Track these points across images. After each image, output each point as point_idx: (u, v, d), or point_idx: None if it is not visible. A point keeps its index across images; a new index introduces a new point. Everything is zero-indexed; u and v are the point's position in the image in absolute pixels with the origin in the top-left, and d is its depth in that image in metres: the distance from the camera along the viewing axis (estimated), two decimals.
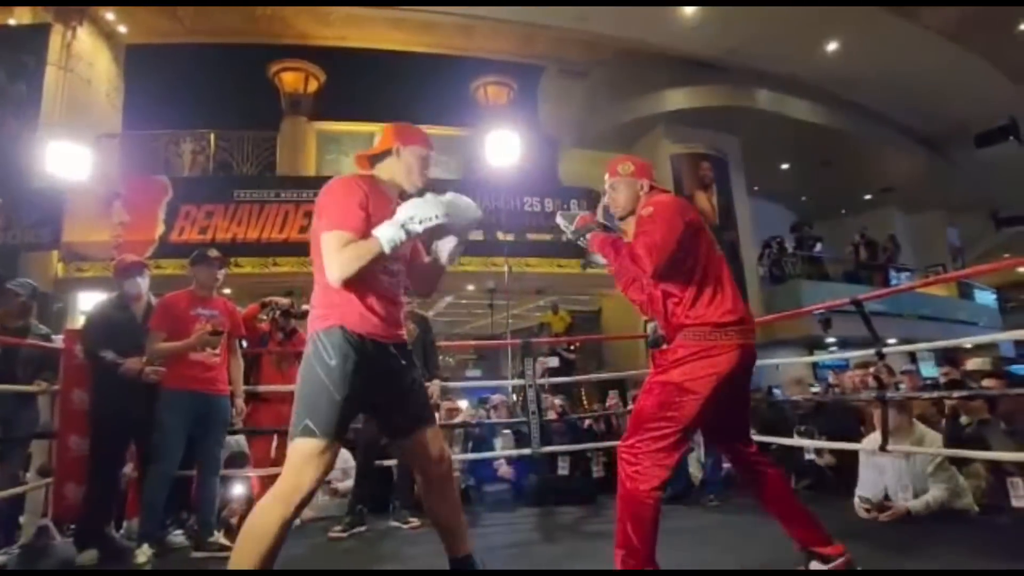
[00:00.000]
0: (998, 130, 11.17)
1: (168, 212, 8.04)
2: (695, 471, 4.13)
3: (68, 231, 7.89)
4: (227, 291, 3.57)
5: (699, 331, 1.81)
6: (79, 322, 6.15)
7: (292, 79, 10.92)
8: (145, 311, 3.17)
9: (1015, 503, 2.87)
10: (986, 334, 10.02)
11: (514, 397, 6.48)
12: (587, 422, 5.20)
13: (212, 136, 9.81)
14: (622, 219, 2.05)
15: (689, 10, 9.04)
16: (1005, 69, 10.19)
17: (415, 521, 3.39)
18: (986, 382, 3.50)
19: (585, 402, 7.67)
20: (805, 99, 10.64)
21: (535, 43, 10.61)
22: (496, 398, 5.35)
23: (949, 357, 5.63)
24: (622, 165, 2.05)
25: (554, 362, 8.09)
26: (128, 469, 3.30)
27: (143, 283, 3.20)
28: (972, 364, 4.81)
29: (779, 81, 10.41)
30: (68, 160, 7.04)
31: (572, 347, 8.49)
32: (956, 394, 3.52)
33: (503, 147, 7.40)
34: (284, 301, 4.02)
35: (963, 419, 3.46)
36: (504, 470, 4.43)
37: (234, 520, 3.50)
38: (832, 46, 9.87)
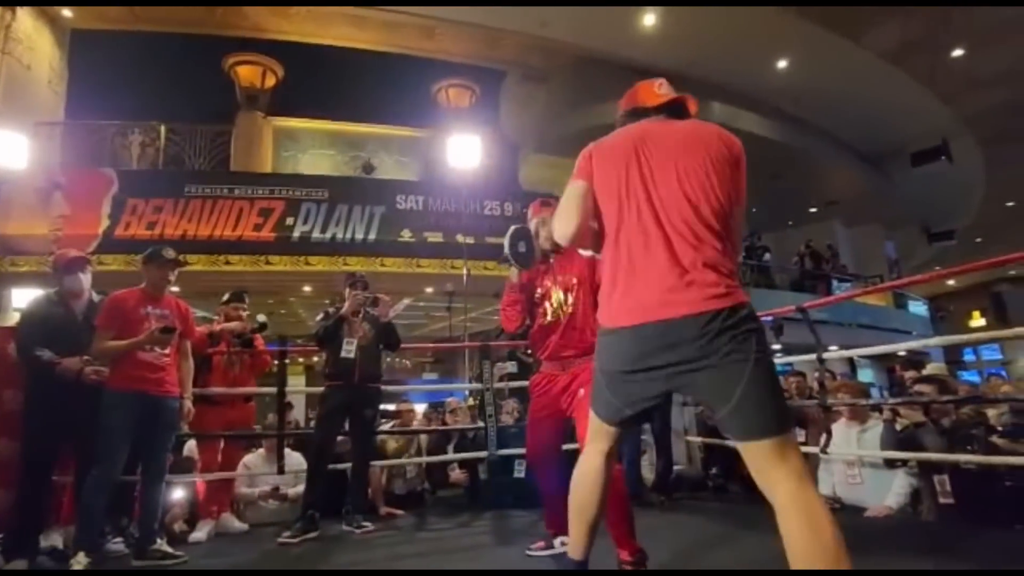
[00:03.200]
0: (932, 150, 11.90)
1: (113, 206, 7.70)
2: (647, 473, 4.23)
3: (2, 223, 7.49)
4: (175, 289, 3.43)
5: None
6: (13, 319, 5.83)
7: (249, 73, 10.65)
8: (86, 309, 3.04)
9: (942, 500, 3.08)
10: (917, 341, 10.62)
11: (471, 400, 6.48)
12: None
13: (163, 128, 9.46)
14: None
15: (648, 21, 9.27)
16: (938, 92, 10.84)
17: (368, 526, 3.36)
18: (919, 387, 3.71)
19: None
20: (757, 114, 11.05)
21: (497, 47, 10.67)
22: (451, 401, 5.34)
23: (914, 361, 5.97)
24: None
25: (512, 367, 8.13)
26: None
27: (85, 279, 3.07)
28: (928, 370, 5.13)
29: (733, 95, 10.78)
30: (3, 148, 6.68)
31: (530, 351, 8.54)
32: (892, 400, 3.73)
33: (464, 150, 7.42)
34: (235, 325, 3.78)
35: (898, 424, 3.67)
36: (457, 475, 4.43)
37: (176, 526, 3.39)
38: (782, 64, 10.29)
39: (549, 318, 2.43)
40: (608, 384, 1.53)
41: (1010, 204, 15.48)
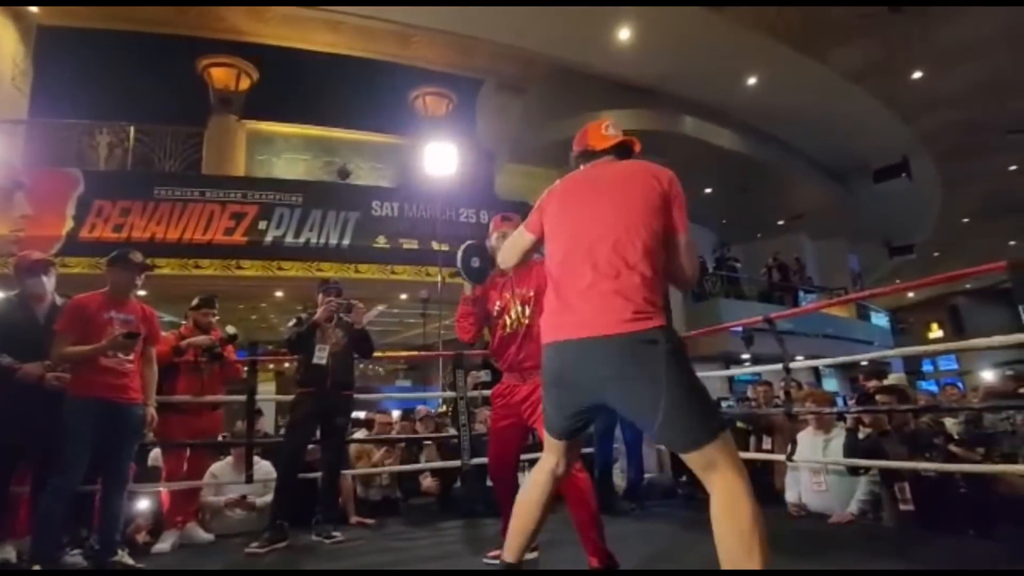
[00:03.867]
0: (893, 167, 12.34)
1: (79, 207, 7.48)
2: (618, 480, 4.28)
3: None
4: (142, 293, 3.36)
5: None
6: None
7: (223, 75, 10.50)
8: (49, 312, 2.96)
9: (902, 507, 3.18)
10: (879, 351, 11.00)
11: (444, 407, 6.46)
12: None
13: (132, 129, 9.25)
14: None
15: (624, 35, 9.44)
16: (899, 111, 11.27)
17: (338, 536, 3.32)
18: (880, 397, 3.84)
19: None
20: (727, 128, 11.31)
21: (474, 56, 10.73)
22: (421, 409, 5.32)
23: (876, 371, 6.18)
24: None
25: (486, 376, 8.13)
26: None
27: (48, 282, 2.99)
28: (891, 379, 5.30)
29: (705, 110, 11.02)
30: None
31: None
32: (854, 408, 3.85)
33: (440, 158, 7.43)
34: (202, 340, 3.67)
35: (860, 432, 3.78)
36: (428, 483, 4.41)
37: (140, 537, 3.30)
38: (752, 80, 10.57)
39: (508, 330, 2.50)
40: (545, 395, 1.73)
41: (965, 220, 16.14)
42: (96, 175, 8.14)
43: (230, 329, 3.83)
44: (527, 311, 2.45)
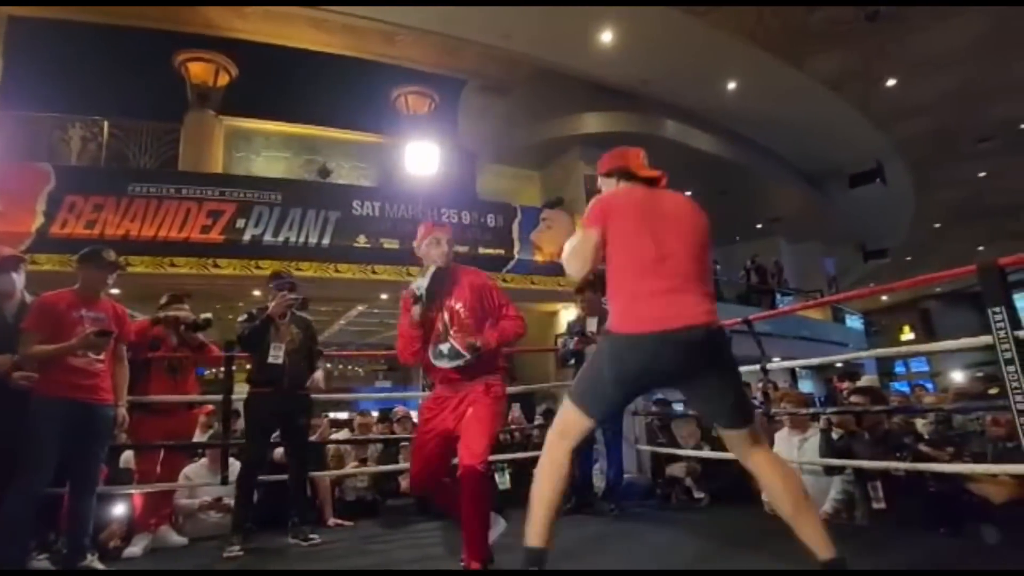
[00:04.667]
0: (868, 172, 12.62)
1: (49, 202, 7.27)
2: (597, 481, 4.29)
3: None
4: (115, 291, 3.28)
5: None
6: None
7: (201, 70, 10.29)
8: (18, 310, 2.87)
9: (875, 505, 3.24)
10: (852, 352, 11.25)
11: None
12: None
13: (105, 124, 9.03)
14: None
15: (606, 38, 9.49)
16: (874, 118, 11.53)
17: (315, 538, 3.28)
18: (854, 398, 3.91)
19: None
20: (707, 132, 11.45)
21: (458, 56, 10.70)
22: (399, 410, 5.28)
23: (850, 373, 6.31)
24: None
25: None
26: None
27: (18, 279, 2.91)
28: (864, 381, 5.40)
29: (685, 114, 11.14)
30: None
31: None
32: (830, 409, 3.92)
33: (422, 157, 7.41)
34: (186, 314, 3.66)
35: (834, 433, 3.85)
36: (407, 484, 4.38)
37: (113, 544, 3.22)
38: (731, 85, 10.72)
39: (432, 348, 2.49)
40: (615, 380, 1.83)
41: (937, 225, 16.57)
42: (68, 170, 7.92)
43: (206, 315, 3.77)
44: (453, 326, 2.46)
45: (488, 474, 2.31)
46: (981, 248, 17.49)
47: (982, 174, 13.52)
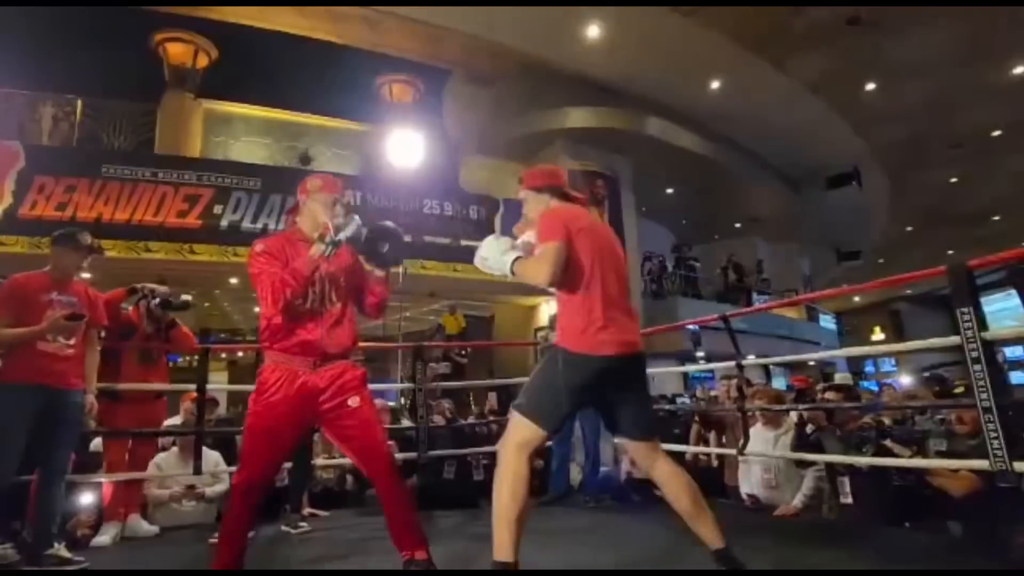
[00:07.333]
0: (844, 175, 12.86)
1: (18, 183, 7.07)
2: (575, 475, 4.33)
3: None
4: (87, 276, 3.21)
5: None
6: None
7: (179, 51, 10.06)
8: None
9: (843, 500, 3.32)
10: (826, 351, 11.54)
11: (402, 400, 6.42)
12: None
13: (79, 103, 8.79)
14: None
15: (593, 33, 9.49)
16: (851, 122, 11.72)
17: (305, 526, 3.28)
18: (830, 395, 3.99)
19: (474, 407, 7.76)
20: (690, 130, 11.53)
21: (443, 46, 10.61)
22: (377, 402, 5.26)
23: (824, 372, 6.46)
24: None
25: (446, 368, 8.12)
26: None
27: None
28: (838, 379, 5.51)
29: (668, 111, 11.20)
30: None
31: (464, 352, 8.58)
32: (802, 406, 3.99)
33: (405, 147, 7.35)
34: (162, 288, 3.59)
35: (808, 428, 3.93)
36: None
37: (81, 533, 3.16)
38: (715, 84, 10.80)
39: (309, 306, 2.18)
40: (569, 396, 1.91)
41: (909, 229, 16.95)
42: (39, 149, 7.73)
43: (186, 296, 3.71)
44: (335, 294, 2.24)
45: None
46: (951, 252, 17.95)
47: (953, 180, 13.85)
